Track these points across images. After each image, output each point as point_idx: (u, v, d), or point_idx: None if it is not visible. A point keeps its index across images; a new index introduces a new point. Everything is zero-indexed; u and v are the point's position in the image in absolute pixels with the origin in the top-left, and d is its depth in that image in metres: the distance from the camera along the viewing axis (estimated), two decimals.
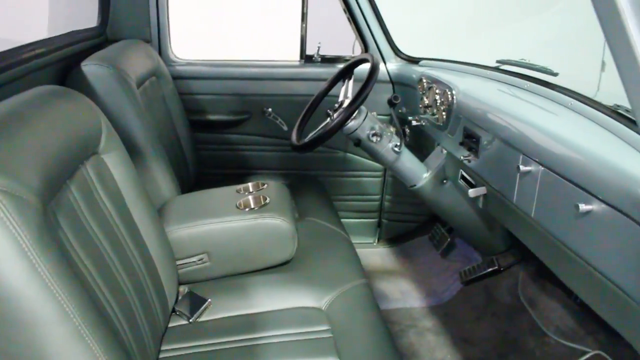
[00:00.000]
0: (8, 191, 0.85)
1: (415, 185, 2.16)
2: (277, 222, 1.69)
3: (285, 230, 1.70)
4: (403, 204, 2.81)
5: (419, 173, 2.15)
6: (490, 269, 2.25)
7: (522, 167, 1.47)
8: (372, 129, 2.01)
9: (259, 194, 1.82)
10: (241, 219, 1.69)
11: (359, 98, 1.87)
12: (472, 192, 1.82)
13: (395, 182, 2.76)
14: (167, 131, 2.24)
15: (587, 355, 1.76)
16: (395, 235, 2.89)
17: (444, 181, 2.16)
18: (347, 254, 1.90)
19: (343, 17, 2.53)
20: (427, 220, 2.81)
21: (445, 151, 2.14)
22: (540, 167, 1.41)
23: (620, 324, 1.21)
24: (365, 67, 2.05)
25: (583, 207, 1.20)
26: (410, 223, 2.86)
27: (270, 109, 2.59)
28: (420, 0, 2.94)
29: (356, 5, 2.47)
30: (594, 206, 1.19)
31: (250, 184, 1.90)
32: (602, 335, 1.77)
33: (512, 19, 3.23)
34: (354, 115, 1.95)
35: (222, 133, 2.65)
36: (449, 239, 2.54)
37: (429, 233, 2.72)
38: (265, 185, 1.90)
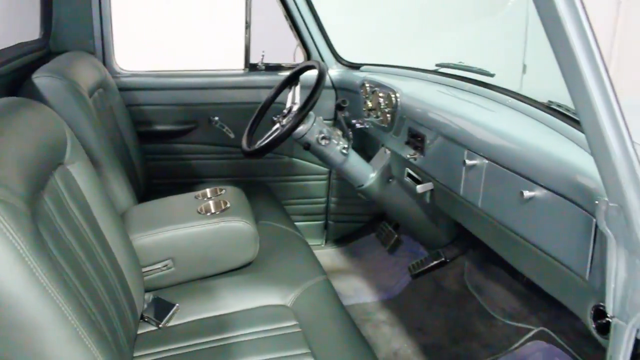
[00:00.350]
0: (3, 199, 0.87)
1: (362, 185, 2.26)
2: (240, 225, 1.74)
3: (247, 232, 1.76)
4: (348, 205, 2.90)
5: (366, 173, 2.26)
6: (437, 261, 2.38)
7: (467, 162, 1.60)
8: (321, 132, 2.09)
9: (219, 199, 1.87)
10: (204, 223, 1.73)
11: (309, 103, 1.95)
12: (420, 188, 1.94)
13: (340, 185, 2.85)
14: (117, 143, 2.24)
15: (532, 332, 1.91)
16: (343, 236, 2.98)
17: (390, 180, 2.27)
18: (304, 253, 1.97)
19: (285, 26, 2.60)
20: (373, 219, 2.92)
21: (388, 152, 2.25)
22: (485, 160, 1.54)
23: (565, 297, 1.34)
24: (309, 74, 2.13)
25: (527, 193, 1.33)
26: (357, 223, 2.96)
27: (216, 118, 2.63)
28: (357, 9, 3.06)
29: (297, 12, 2.55)
30: (537, 192, 1.32)
31: (208, 190, 1.94)
32: (545, 313, 1.92)
33: (446, 27, 3.41)
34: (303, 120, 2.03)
35: (170, 143, 2.66)
36: (395, 236, 2.66)
37: (376, 231, 2.82)
38: (223, 190, 1.95)
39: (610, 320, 1.06)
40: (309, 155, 2.69)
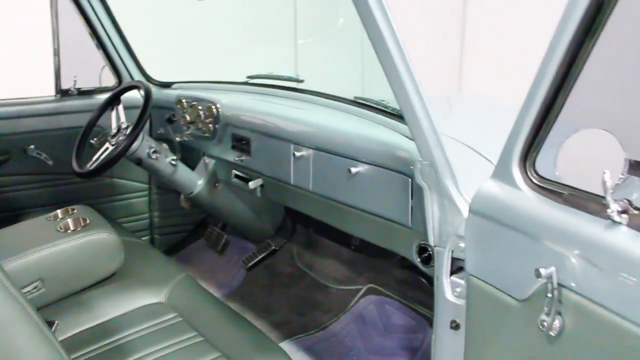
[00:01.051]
0: None
1: (192, 193, 2.45)
2: (105, 236, 1.83)
3: (112, 242, 1.85)
4: (171, 217, 3.03)
5: (194, 181, 2.45)
6: (267, 251, 2.66)
7: (296, 154, 1.90)
8: (151, 147, 2.24)
9: (77, 216, 1.91)
10: (69, 240, 1.78)
11: (141, 122, 2.09)
12: (252, 184, 2.20)
13: (161, 199, 2.97)
14: None
15: (362, 291, 2.29)
16: (171, 247, 3.10)
17: (217, 185, 2.49)
18: (159, 255, 2.10)
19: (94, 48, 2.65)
20: (198, 225, 3.09)
21: (211, 159, 2.48)
22: (311, 150, 1.85)
23: (395, 245, 1.70)
24: (129, 94, 2.28)
25: (354, 170, 1.68)
26: (182, 233, 3.10)
27: (32, 146, 2.57)
28: (162, 30, 3.17)
29: (104, 32, 2.61)
30: (361, 168, 1.67)
31: (59, 211, 1.97)
32: (370, 272, 2.32)
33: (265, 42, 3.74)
34: None
35: None
36: (225, 236, 2.87)
37: (204, 236, 3.00)
38: (75, 209, 1.98)
39: (432, 251, 1.44)
40: (127, 173, 2.79)
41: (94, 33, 2.62)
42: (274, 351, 1.50)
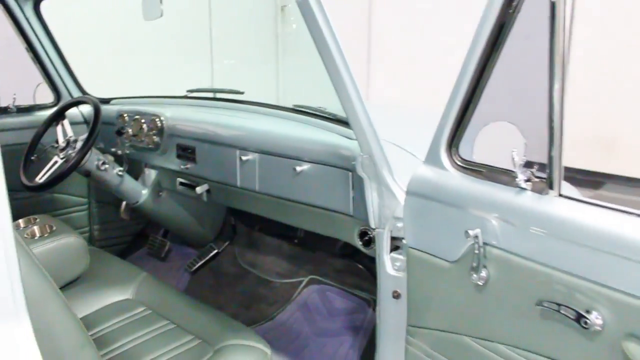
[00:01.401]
0: None
1: (137, 202, 2.58)
2: (72, 239, 1.94)
3: (80, 245, 1.96)
4: (111, 229, 3.12)
5: (139, 191, 2.58)
6: (211, 254, 2.82)
7: (243, 158, 2.10)
8: (99, 160, 2.36)
9: (42, 224, 2.00)
10: (38, 245, 1.87)
11: (93, 135, 2.21)
12: (198, 189, 2.36)
13: (100, 212, 3.05)
14: None
15: (304, 282, 2.51)
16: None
17: (160, 193, 2.64)
18: (117, 258, 2.22)
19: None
20: (138, 235, 3.19)
21: (149, 170, 2.62)
22: (257, 154, 2.06)
23: (339, 233, 1.93)
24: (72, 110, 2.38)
25: (298, 168, 1.90)
26: (123, 244, 3.19)
27: None
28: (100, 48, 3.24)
29: (41, 47, 2.68)
30: (305, 166, 1.90)
31: (20, 221, 2.05)
32: (310, 264, 2.54)
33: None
34: None
35: None
36: (167, 244, 3.00)
37: (146, 245, 3.11)
38: (37, 219, 2.07)
39: (372, 234, 1.69)
40: (66, 187, 2.86)
41: (32, 50, 2.68)
42: (244, 331, 1.68)
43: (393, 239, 1.62)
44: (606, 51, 4.18)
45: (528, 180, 1.16)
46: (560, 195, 1.13)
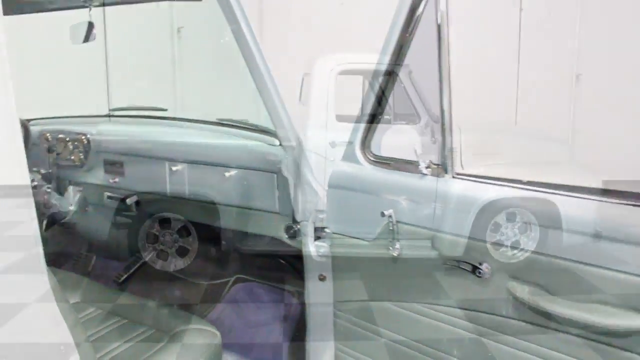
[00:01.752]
0: None
1: (65, 218, 2.67)
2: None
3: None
4: None
5: (66, 207, 2.67)
6: (138, 264, 2.94)
7: (172, 169, 2.28)
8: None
9: None
10: None
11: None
12: (128, 201, 2.50)
13: None
14: None
15: (231, 281, 2.70)
16: None
17: (86, 209, 2.74)
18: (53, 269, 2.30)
19: None
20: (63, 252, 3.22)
21: (74, 187, 2.72)
22: (185, 164, 2.25)
23: (268, 229, 2.13)
24: None
25: (228, 174, 2.11)
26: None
27: None
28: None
29: None
30: (233, 172, 2.11)
31: None
32: (234, 264, 2.74)
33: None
34: None
35: None
36: (93, 258, 3.07)
37: (71, 260, 3.15)
38: None
39: (297, 227, 1.93)
40: None
41: None
42: (193, 317, 1.85)
43: (316, 229, 1.88)
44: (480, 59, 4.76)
45: (428, 167, 1.47)
46: (453, 177, 1.45)
